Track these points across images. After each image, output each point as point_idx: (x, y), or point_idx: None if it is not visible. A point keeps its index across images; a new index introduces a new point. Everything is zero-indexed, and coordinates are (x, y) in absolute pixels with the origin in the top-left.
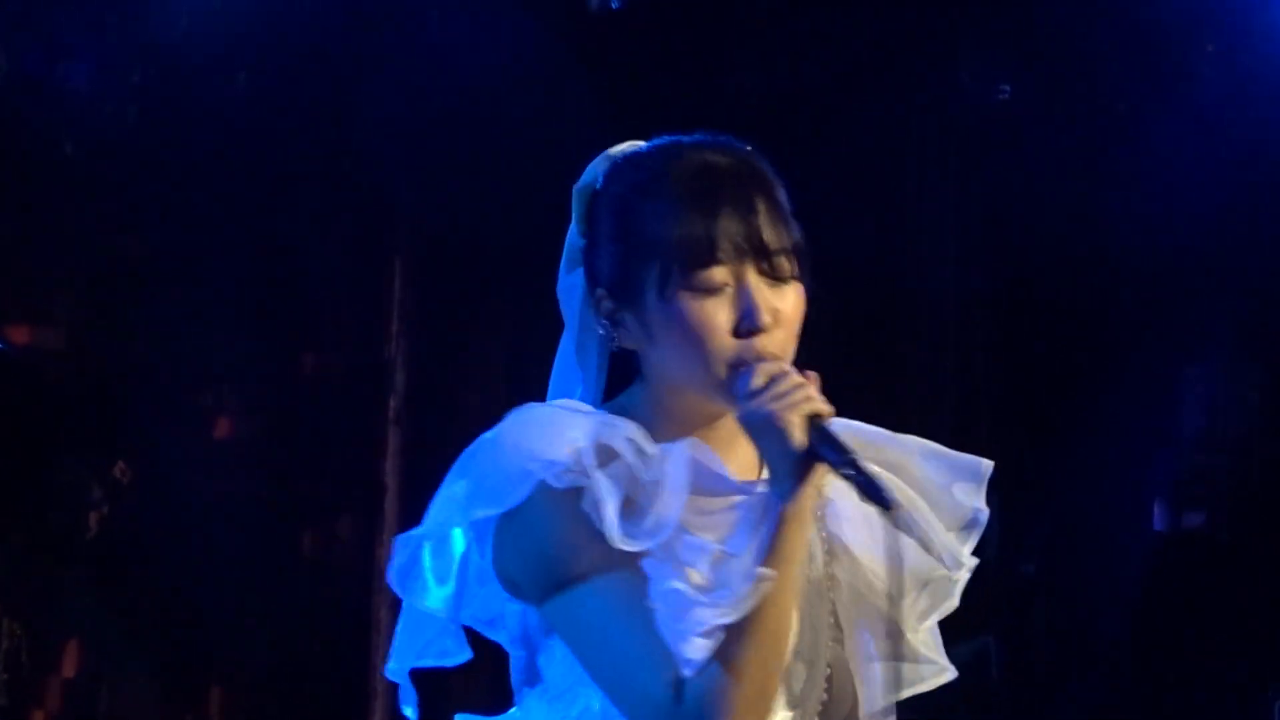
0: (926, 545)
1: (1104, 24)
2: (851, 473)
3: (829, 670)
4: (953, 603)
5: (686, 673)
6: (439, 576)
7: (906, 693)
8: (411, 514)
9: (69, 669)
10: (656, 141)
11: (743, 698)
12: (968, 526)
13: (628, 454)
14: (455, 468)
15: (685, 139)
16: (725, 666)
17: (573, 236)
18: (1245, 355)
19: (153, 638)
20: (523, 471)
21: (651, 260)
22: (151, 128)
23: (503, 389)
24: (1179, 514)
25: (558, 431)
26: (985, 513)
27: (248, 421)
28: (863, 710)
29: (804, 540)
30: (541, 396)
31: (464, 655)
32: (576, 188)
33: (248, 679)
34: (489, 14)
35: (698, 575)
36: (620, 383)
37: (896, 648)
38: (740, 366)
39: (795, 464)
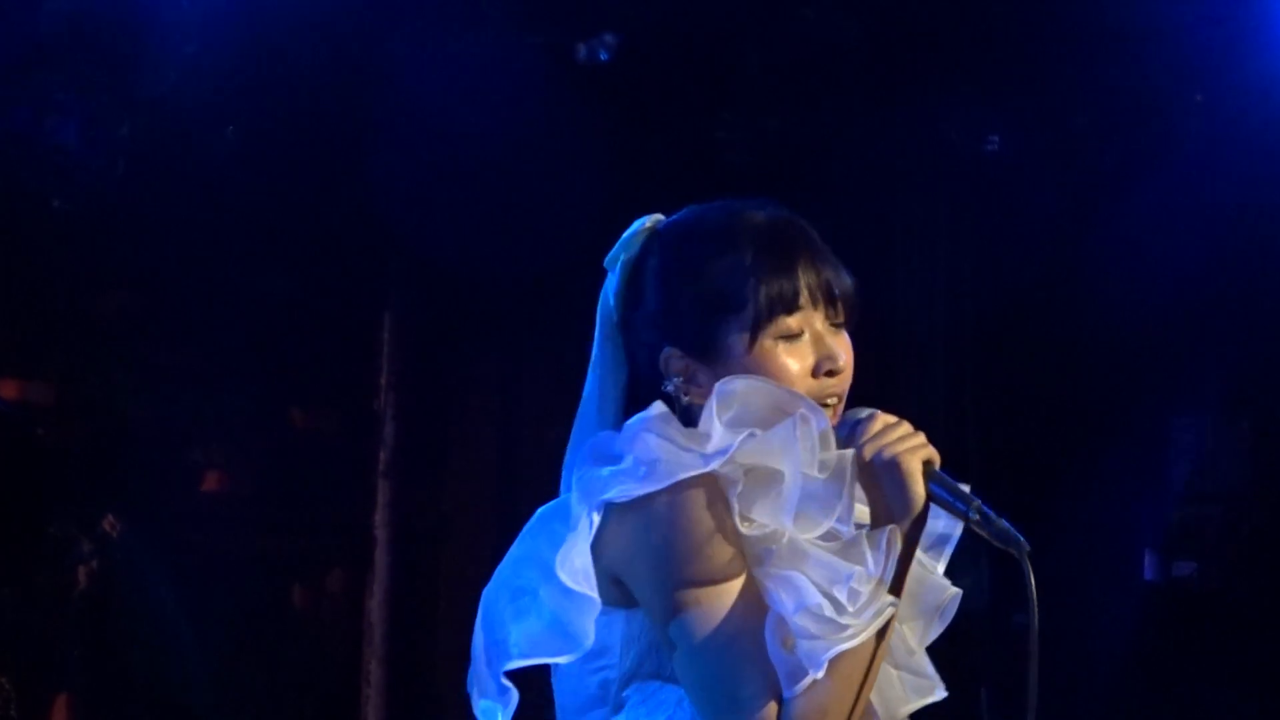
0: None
1: (1093, 75)
2: (977, 518)
3: None
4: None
5: (788, 693)
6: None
7: (917, 704)
8: (402, 566)
9: None
10: (702, 207)
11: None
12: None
13: (816, 448)
14: (594, 452)
15: (731, 201)
16: (831, 687)
17: (607, 309)
18: (1234, 406)
19: (143, 692)
20: (702, 452)
21: (734, 312)
22: (140, 182)
23: (491, 441)
24: (1170, 564)
25: (745, 415)
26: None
27: (237, 475)
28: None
29: (906, 574)
30: (530, 451)
31: (582, 647)
32: (618, 260)
33: None
34: (479, 68)
35: (839, 596)
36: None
37: (906, 662)
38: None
39: (915, 504)
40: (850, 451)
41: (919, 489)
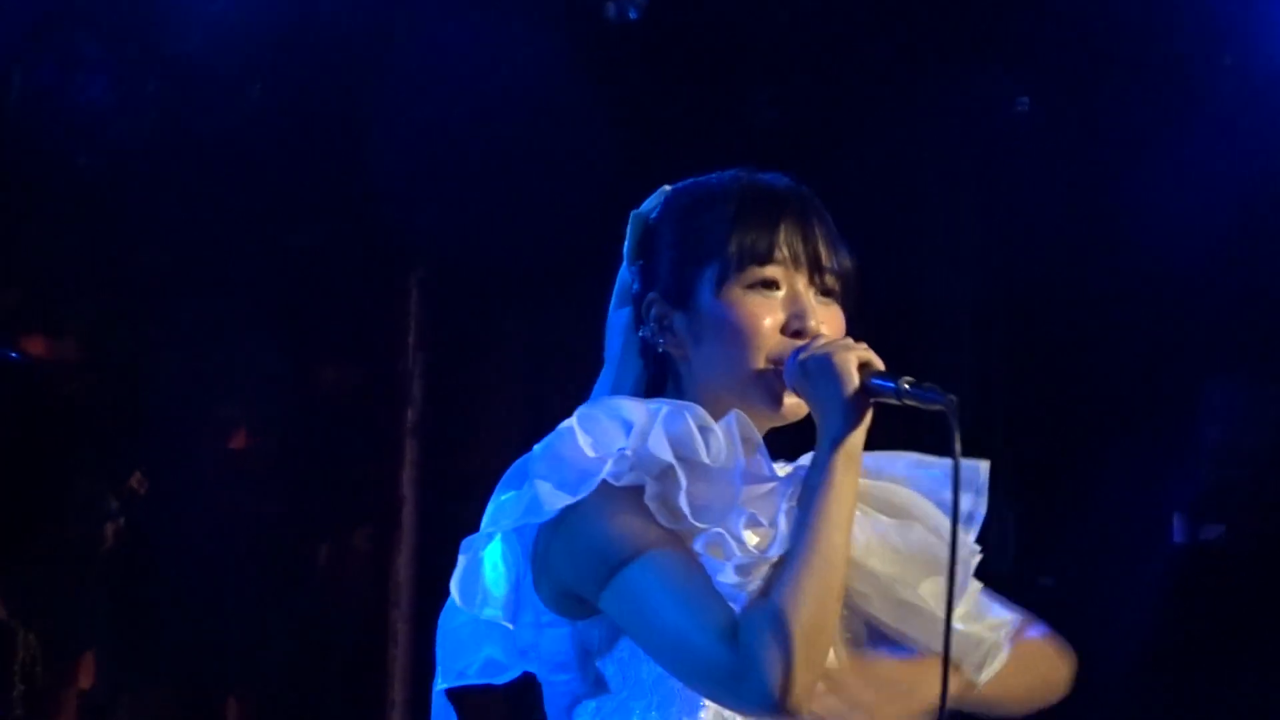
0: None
1: (1122, 36)
2: (908, 387)
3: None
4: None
5: (737, 611)
6: (496, 586)
7: (991, 664)
8: (429, 525)
9: (85, 680)
10: (718, 171)
11: (798, 630)
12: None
13: (696, 437)
14: (512, 474)
15: (745, 170)
16: (776, 600)
17: (623, 271)
18: (1265, 368)
19: (169, 649)
20: (581, 473)
21: (710, 260)
22: (167, 139)
23: (520, 399)
24: (1199, 526)
25: (617, 430)
26: (981, 511)
27: (264, 433)
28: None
29: (854, 478)
30: (557, 404)
31: (516, 670)
32: (633, 215)
33: (265, 691)
34: (507, 28)
35: (742, 530)
36: None
37: (934, 630)
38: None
39: (849, 402)
40: (733, 412)
41: (852, 381)
